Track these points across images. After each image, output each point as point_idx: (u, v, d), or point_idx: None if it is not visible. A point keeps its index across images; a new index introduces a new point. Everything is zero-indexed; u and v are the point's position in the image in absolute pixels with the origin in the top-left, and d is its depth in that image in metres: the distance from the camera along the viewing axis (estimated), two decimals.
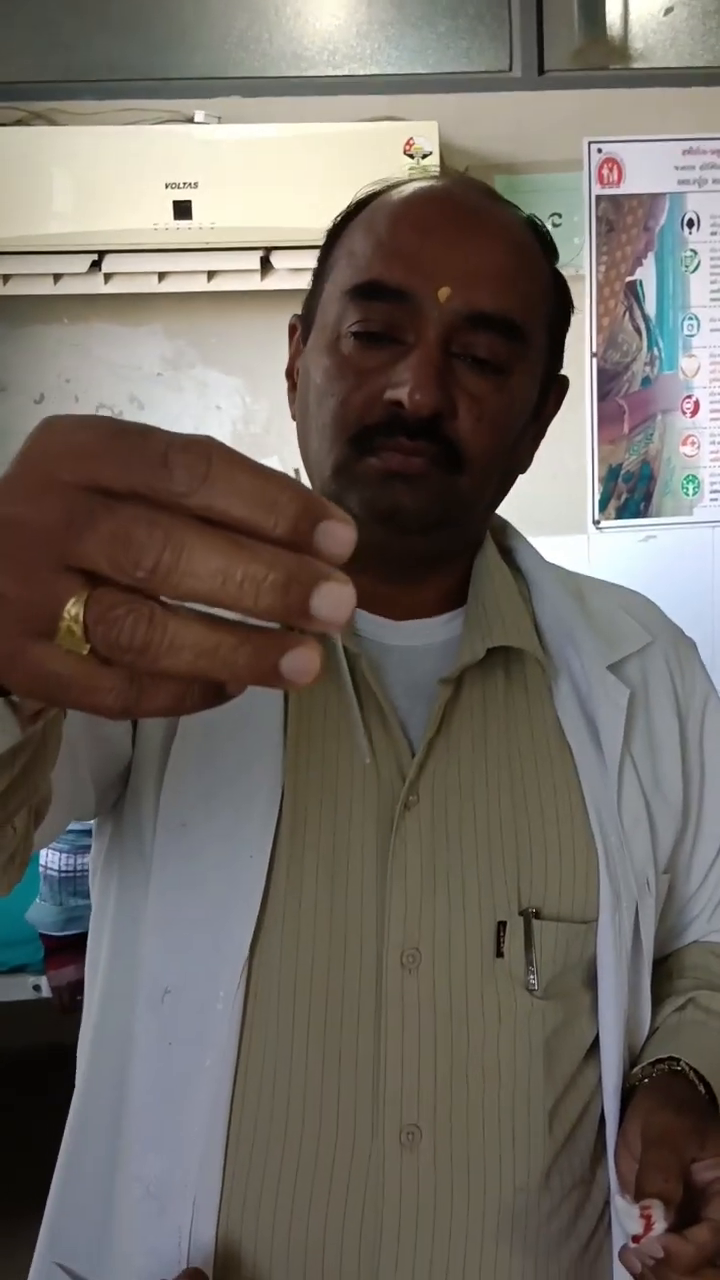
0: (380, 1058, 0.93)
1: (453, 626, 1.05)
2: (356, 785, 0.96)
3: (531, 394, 1.01)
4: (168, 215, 3.16)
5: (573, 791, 1.00)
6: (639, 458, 3.68)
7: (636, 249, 3.60)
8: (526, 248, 0.99)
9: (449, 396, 0.93)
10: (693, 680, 1.11)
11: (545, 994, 0.97)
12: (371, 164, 3.19)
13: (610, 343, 3.62)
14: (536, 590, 1.09)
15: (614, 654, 1.06)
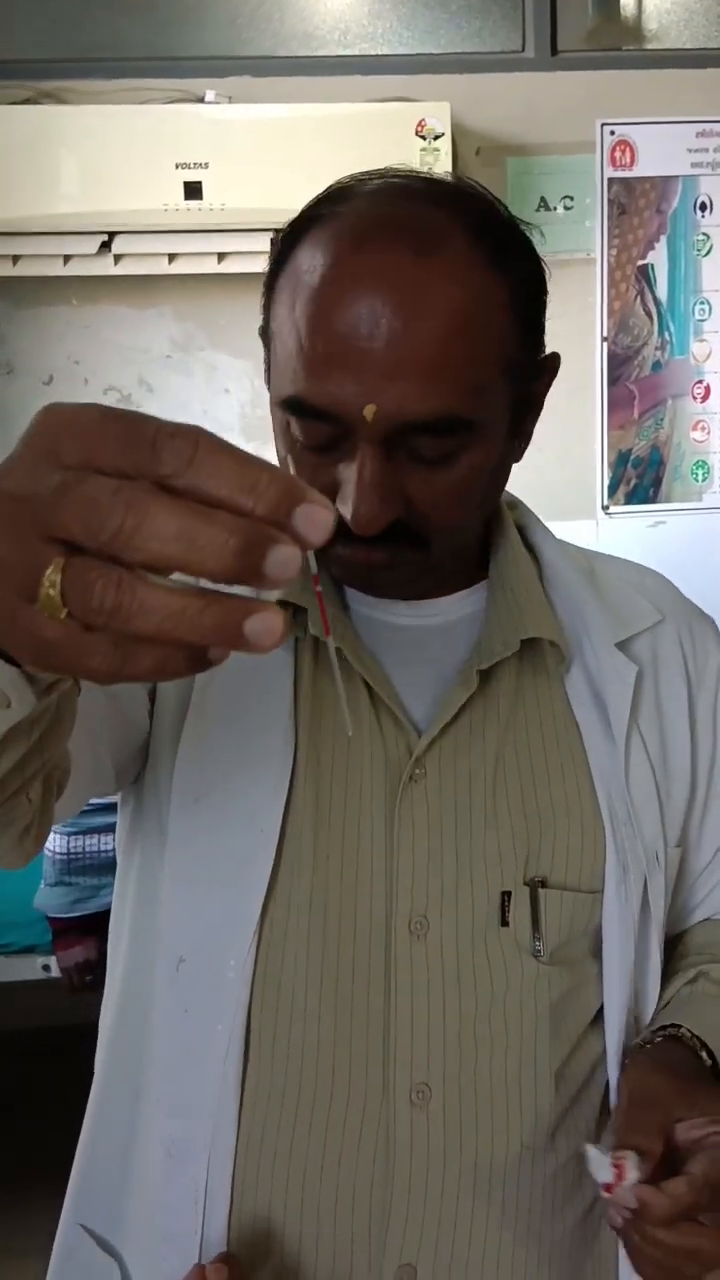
0: (390, 1021, 0.96)
1: (468, 603, 1.06)
2: (366, 759, 0.99)
3: (495, 443, 0.95)
4: (178, 196, 3.14)
5: (580, 767, 1.02)
6: (649, 443, 3.67)
7: (648, 232, 3.58)
8: (463, 309, 0.88)
9: (398, 500, 0.90)
10: (705, 657, 1.11)
11: (551, 960, 0.99)
12: (383, 145, 3.18)
13: (621, 327, 3.61)
14: (549, 570, 1.09)
15: (623, 631, 1.07)
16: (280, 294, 0.93)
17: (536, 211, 3.55)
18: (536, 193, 3.54)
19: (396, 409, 0.86)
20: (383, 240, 0.87)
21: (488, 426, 0.92)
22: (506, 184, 3.52)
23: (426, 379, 0.86)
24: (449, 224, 0.89)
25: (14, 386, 3.52)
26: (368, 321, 0.85)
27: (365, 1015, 0.96)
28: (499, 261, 0.91)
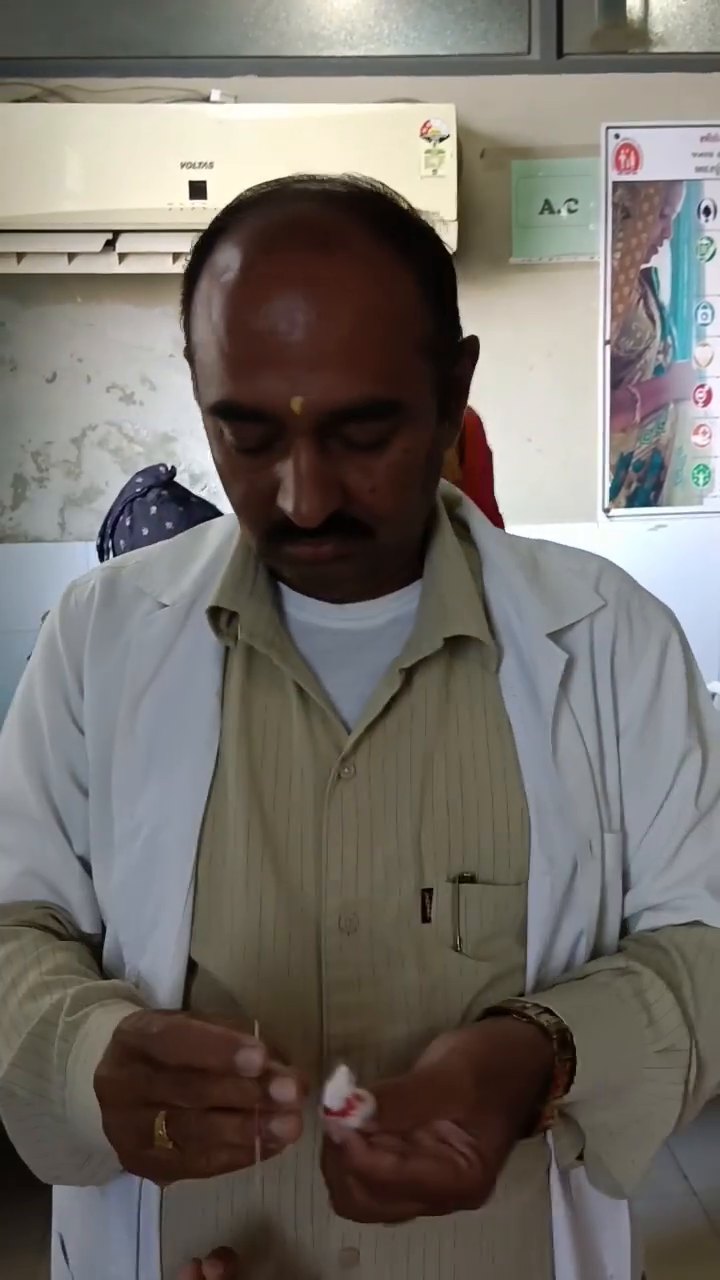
0: (324, 1017, 0.98)
1: (402, 603, 1.07)
2: (297, 759, 1.02)
3: (424, 425, 0.97)
4: (183, 195, 3.15)
5: (508, 761, 1.03)
6: (650, 446, 3.67)
7: (652, 236, 3.59)
8: (372, 296, 0.90)
9: (337, 490, 0.93)
10: (644, 644, 1.10)
11: (475, 954, 1.01)
12: (388, 146, 3.19)
13: (624, 330, 3.61)
14: (488, 563, 1.10)
15: (557, 621, 1.07)
16: (198, 307, 0.95)
17: (541, 214, 3.55)
18: (541, 195, 3.54)
19: (322, 398, 0.89)
20: (289, 240, 0.91)
21: (414, 407, 0.94)
22: (511, 186, 3.53)
23: (347, 366, 0.89)
24: (351, 220, 0.92)
25: (17, 383, 3.53)
26: (284, 318, 0.88)
27: (301, 1010, 0.98)
28: (403, 250, 0.93)
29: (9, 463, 3.57)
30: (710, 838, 1.09)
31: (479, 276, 3.52)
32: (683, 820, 1.09)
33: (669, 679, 1.11)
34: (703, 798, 1.10)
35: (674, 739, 1.10)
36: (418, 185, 3.21)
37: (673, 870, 1.09)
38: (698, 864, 1.09)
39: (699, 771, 1.10)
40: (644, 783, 1.08)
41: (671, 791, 1.09)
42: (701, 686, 1.15)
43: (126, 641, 1.07)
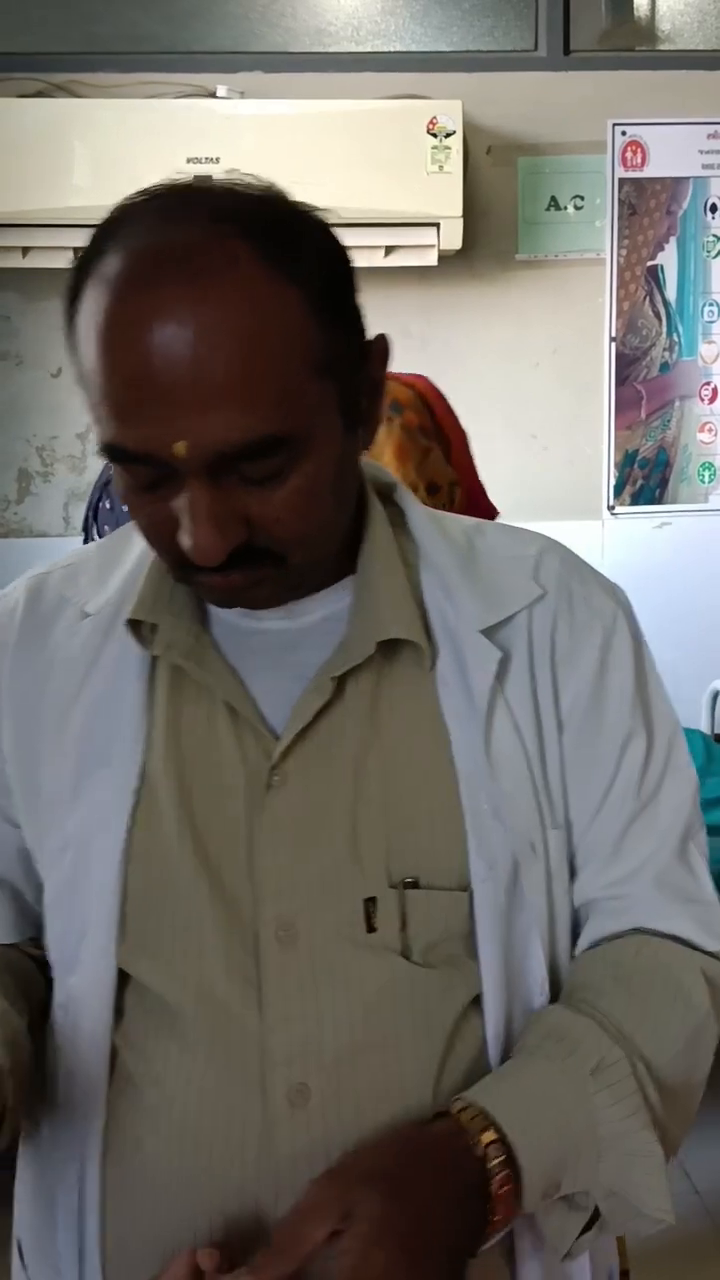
0: (263, 1028, 0.96)
1: (335, 600, 1.04)
2: (227, 771, 0.99)
3: (328, 445, 0.92)
4: None
5: (443, 763, 1.00)
6: (655, 444, 3.67)
7: (658, 233, 3.58)
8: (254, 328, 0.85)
9: (237, 525, 0.89)
10: (585, 631, 1.07)
11: (424, 961, 0.98)
12: (394, 142, 3.19)
13: (630, 328, 3.61)
14: (423, 556, 1.07)
15: (492, 616, 1.03)
16: (79, 340, 0.90)
17: (547, 210, 3.55)
18: (547, 192, 3.54)
19: (207, 442, 0.85)
20: (160, 276, 0.85)
21: (312, 434, 0.89)
22: (518, 183, 3.52)
23: (230, 406, 0.84)
24: (226, 241, 0.86)
25: (23, 378, 3.53)
26: (160, 361, 0.84)
27: (241, 1024, 0.96)
28: (285, 264, 0.87)
29: (14, 457, 3.57)
30: (654, 828, 1.06)
31: (484, 273, 3.52)
32: (626, 808, 1.06)
33: (613, 665, 1.07)
34: (646, 785, 1.07)
35: (617, 725, 1.06)
36: (423, 181, 3.21)
37: (617, 863, 1.06)
38: (642, 858, 1.06)
39: (643, 757, 1.07)
40: (587, 773, 1.05)
41: (615, 780, 1.06)
42: (650, 670, 1.11)
43: (51, 655, 1.05)
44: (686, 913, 1.06)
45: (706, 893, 1.09)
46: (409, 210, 3.21)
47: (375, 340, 0.98)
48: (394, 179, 3.19)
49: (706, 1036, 1.04)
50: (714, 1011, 1.04)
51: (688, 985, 1.03)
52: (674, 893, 1.07)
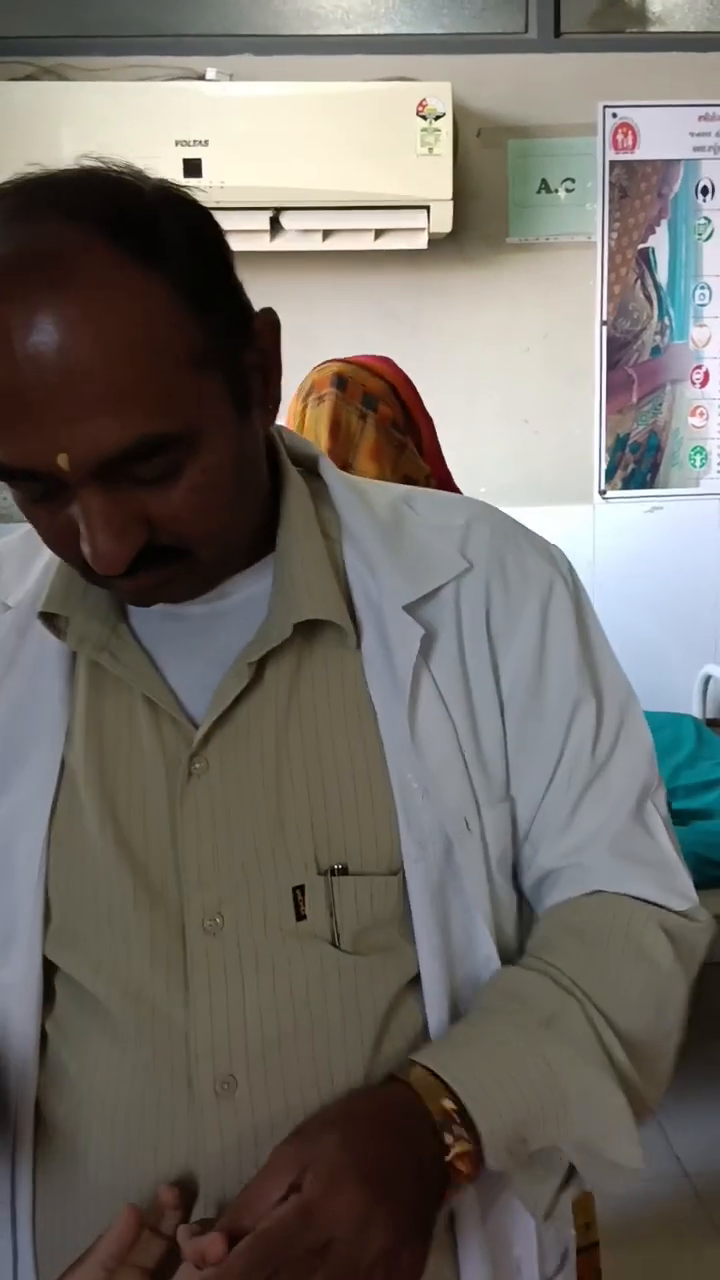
0: (190, 1018, 0.95)
1: (254, 580, 1.02)
2: (147, 760, 0.98)
3: (222, 435, 0.89)
4: (178, 173, 3.11)
5: (370, 745, 0.98)
6: (647, 428, 3.66)
7: (649, 216, 3.57)
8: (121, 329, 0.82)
9: (137, 528, 0.87)
10: (520, 603, 1.04)
11: (354, 948, 0.97)
12: (384, 124, 3.17)
13: (621, 311, 3.60)
14: (346, 531, 1.05)
15: (415, 591, 1.01)
16: None
17: (538, 194, 3.54)
18: (538, 175, 3.53)
19: (89, 451, 0.82)
20: (17, 287, 0.81)
21: (201, 427, 0.87)
22: (508, 165, 3.51)
23: (106, 413, 0.82)
24: (83, 238, 0.82)
25: None
26: (29, 374, 0.80)
27: (166, 1013, 0.95)
28: (149, 255, 0.83)
29: None
30: (609, 793, 1.05)
31: (475, 256, 3.51)
32: (578, 777, 1.04)
33: (554, 631, 1.05)
34: (598, 751, 1.05)
35: (564, 693, 1.04)
36: (413, 164, 3.19)
37: (572, 832, 1.04)
38: (597, 824, 1.04)
39: (593, 723, 1.05)
40: (536, 745, 1.04)
41: (565, 748, 1.04)
42: (596, 632, 1.09)
43: None
44: (646, 875, 1.06)
45: (666, 853, 1.08)
46: (399, 193, 3.20)
47: (261, 315, 0.95)
48: (383, 162, 3.18)
49: (672, 992, 1.03)
50: (680, 967, 1.04)
51: (648, 941, 1.02)
52: (632, 857, 1.06)
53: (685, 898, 1.07)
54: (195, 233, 0.88)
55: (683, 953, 1.04)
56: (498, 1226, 1.02)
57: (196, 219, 0.89)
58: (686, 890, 1.08)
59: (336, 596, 1.00)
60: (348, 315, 3.46)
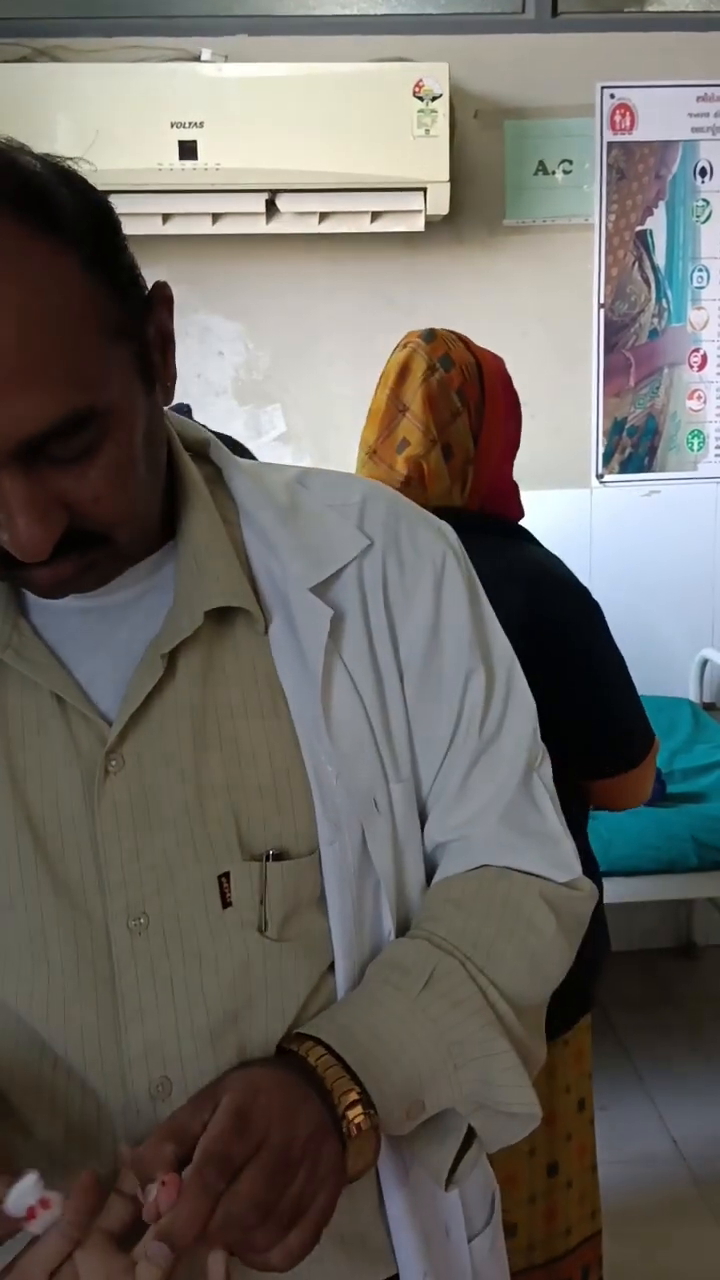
0: (121, 1022, 0.94)
1: (155, 568, 1.00)
2: (61, 761, 0.95)
3: (132, 409, 0.88)
4: (173, 155, 3.11)
5: (283, 729, 0.98)
6: (644, 411, 3.65)
7: (647, 198, 3.56)
8: (29, 301, 0.79)
9: (58, 511, 0.84)
10: (416, 578, 1.04)
11: (280, 933, 0.97)
12: (380, 105, 3.15)
13: (618, 294, 3.59)
14: (244, 515, 1.03)
15: (318, 573, 1.00)
16: None
17: (535, 175, 3.52)
18: (535, 156, 3.51)
19: (8, 431, 0.80)
20: None
21: (115, 400, 0.85)
22: (504, 147, 3.49)
23: (23, 391, 0.79)
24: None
25: None
26: None
27: (95, 1022, 0.94)
28: (52, 226, 0.81)
29: None
30: (498, 764, 1.06)
31: (472, 239, 3.50)
32: (468, 748, 1.05)
33: (447, 605, 1.05)
34: (489, 722, 1.06)
35: (457, 665, 1.05)
36: (410, 145, 3.18)
37: (462, 804, 1.05)
38: (486, 797, 1.05)
39: (483, 695, 1.06)
40: (433, 717, 1.04)
41: (459, 721, 1.05)
42: (484, 604, 1.09)
43: None
44: (531, 847, 1.07)
45: (551, 825, 1.09)
46: (395, 175, 3.18)
47: (155, 289, 0.93)
48: (380, 143, 3.16)
49: (552, 957, 1.05)
50: (562, 936, 1.05)
51: (528, 909, 1.04)
52: (519, 828, 1.07)
53: (568, 869, 1.09)
54: (90, 204, 0.86)
55: (566, 922, 1.06)
56: (420, 1191, 1.03)
57: (87, 190, 0.87)
58: (570, 861, 1.09)
59: (243, 582, 0.99)
60: (344, 298, 3.45)
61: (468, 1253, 1.07)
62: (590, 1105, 1.95)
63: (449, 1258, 1.06)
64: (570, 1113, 1.90)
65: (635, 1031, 3.23)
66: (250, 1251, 0.84)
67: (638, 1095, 3.10)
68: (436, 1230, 1.05)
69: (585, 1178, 1.95)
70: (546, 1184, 1.91)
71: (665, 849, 2.90)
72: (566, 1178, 1.92)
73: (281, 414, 3.55)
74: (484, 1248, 1.10)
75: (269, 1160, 0.83)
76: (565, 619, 1.71)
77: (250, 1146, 0.83)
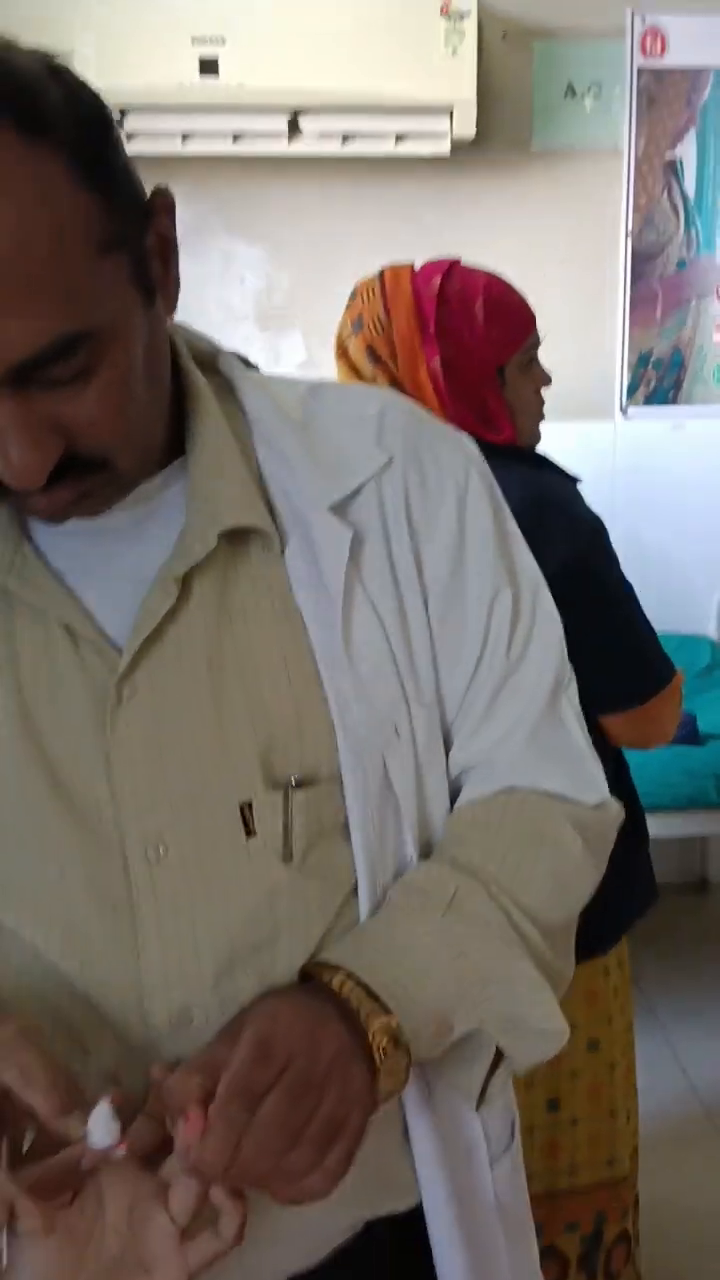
0: (140, 952, 0.93)
1: (165, 485, 0.96)
2: (72, 690, 0.93)
3: (131, 327, 0.84)
4: (193, 72, 3.05)
5: (302, 653, 0.96)
6: (671, 344, 3.60)
7: (677, 125, 3.49)
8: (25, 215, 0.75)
9: (53, 437, 0.81)
10: (439, 497, 1.01)
11: (303, 861, 0.96)
12: (407, 24, 3.08)
13: (646, 223, 3.52)
14: (257, 430, 0.99)
15: (337, 491, 0.97)
16: None
17: (564, 99, 3.45)
18: (564, 79, 3.43)
19: (1, 355, 0.76)
20: None
21: (111, 318, 0.81)
22: (533, 68, 3.41)
23: (13, 313, 0.75)
24: None
25: None
26: None
27: (114, 953, 0.92)
28: (38, 128, 0.75)
29: None
30: (524, 686, 1.04)
31: (498, 163, 3.44)
32: (495, 670, 1.03)
33: (471, 522, 1.02)
34: (515, 642, 1.03)
35: (483, 585, 1.02)
36: (436, 65, 3.11)
37: (489, 726, 1.03)
38: (513, 718, 1.03)
39: (510, 614, 1.03)
40: (458, 639, 1.02)
41: (485, 642, 1.02)
42: (509, 520, 1.06)
43: None
44: (558, 768, 1.05)
45: (578, 747, 1.07)
46: (421, 96, 3.12)
47: (155, 193, 0.88)
48: (406, 63, 3.09)
49: (580, 878, 1.04)
50: (589, 858, 1.03)
51: (553, 832, 1.02)
52: (545, 750, 1.05)
53: (596, 790, 1.07)
54: (80, 101, 0.80)
55: (592, 844, 1.04)
56: (443, 1116, 1.03)
57: (77, 85, 0.81)
58: (598, 783, 1.07)
59: (258, 501, 0.96)
60: (368, 223, 3.39)
61: (490, 1177, 1.07)
62: (612, 1051, 1.94)
63: (472, 1182, 1.06)
64: (577, 1051, 1.89)
65: (648, 966, 3.25)
66: (288, 1180, 0.83)
67: (650, 1028, 3.13)
68: (459, 1154, 1.05)
69: (598, 1122, 1.94)
70: (546, 1118, 1.91)
71: (684, 785, 2.91)
72: (571, 1115, 1.92)
73: (302, 341, 3.51)
74: (505, 1172, 1.10)
75: (293, 1083, 0.82)
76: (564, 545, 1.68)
77: (273, 1073, 0.82)
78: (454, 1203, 1.03)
